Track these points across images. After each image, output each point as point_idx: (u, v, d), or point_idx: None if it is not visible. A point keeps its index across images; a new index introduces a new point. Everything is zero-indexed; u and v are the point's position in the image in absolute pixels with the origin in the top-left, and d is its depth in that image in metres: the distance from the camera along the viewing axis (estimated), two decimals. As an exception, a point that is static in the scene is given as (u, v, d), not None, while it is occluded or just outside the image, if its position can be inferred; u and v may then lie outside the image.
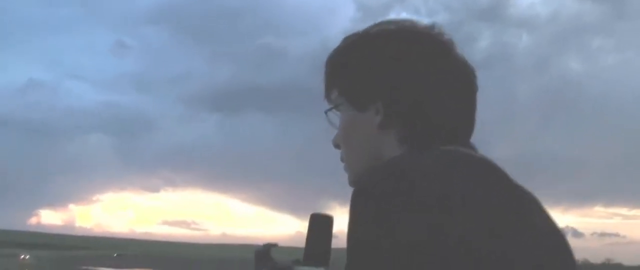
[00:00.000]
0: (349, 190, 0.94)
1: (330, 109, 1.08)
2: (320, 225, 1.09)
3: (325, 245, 1.08)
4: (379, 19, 1.07)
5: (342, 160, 1.08)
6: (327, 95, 1.09)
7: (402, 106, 0.98)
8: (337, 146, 1.09)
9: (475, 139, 1.02)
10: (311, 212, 1.10)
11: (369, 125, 1.00)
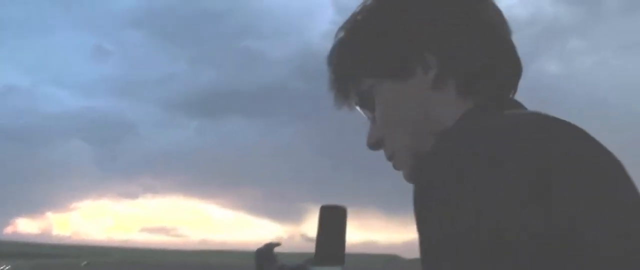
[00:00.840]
0: (328, 196, 0.87)
1: (362, 98, 0.93)
2: (333, 218, 0.97)
3: (339, 242, 0.96)
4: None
5: (389, 158, 0.92)
6: (346, 89, 0.95)
7: (458, 51, 0.86)
8: (376, 144, 0.93)
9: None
10: (321, 205, 0.98)
11: (419, 89, 0.87)
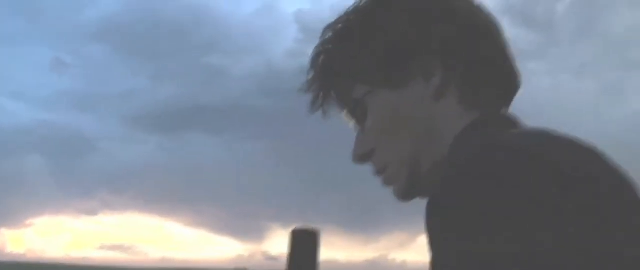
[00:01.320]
0: (289, 214, 0.83)
1: (353, 106, 0.86)
2: (305, 242, 0.93)
3: (311, 266, 0.92)
4: (321, 41, 0.86)
5: (379, 172, 0.86)
6: (330, 96, 0.88)
7: (463, 59, 0.81)
8: (365, 156, 0.86)
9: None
10: (293, 228, 0.94)
11: (420, 97, 0.82)
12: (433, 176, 0.80)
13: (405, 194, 0.85)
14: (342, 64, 0.85)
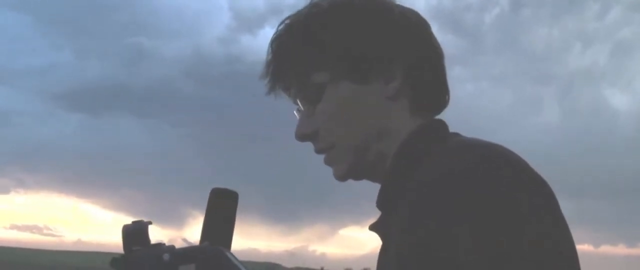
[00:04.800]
0: (204, 200, 0.85)
1: (308, 90, 0.92)
2: (223, 202, 0.92)
3: (228, 226, 0.91)
4: (254, 29, 0.99)
5: (322, 150, 0.93)
6: (289, 78, 0.94)
7: (420, 71, 0.91)
8: (309, 136, 0.93)
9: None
10: (212, 187, 0.93)
11: (377, 96, 0.90)
12: (376, 166, 0.91)
13: (345, 176, 0.93)
14: (308, 52, 0.91)
